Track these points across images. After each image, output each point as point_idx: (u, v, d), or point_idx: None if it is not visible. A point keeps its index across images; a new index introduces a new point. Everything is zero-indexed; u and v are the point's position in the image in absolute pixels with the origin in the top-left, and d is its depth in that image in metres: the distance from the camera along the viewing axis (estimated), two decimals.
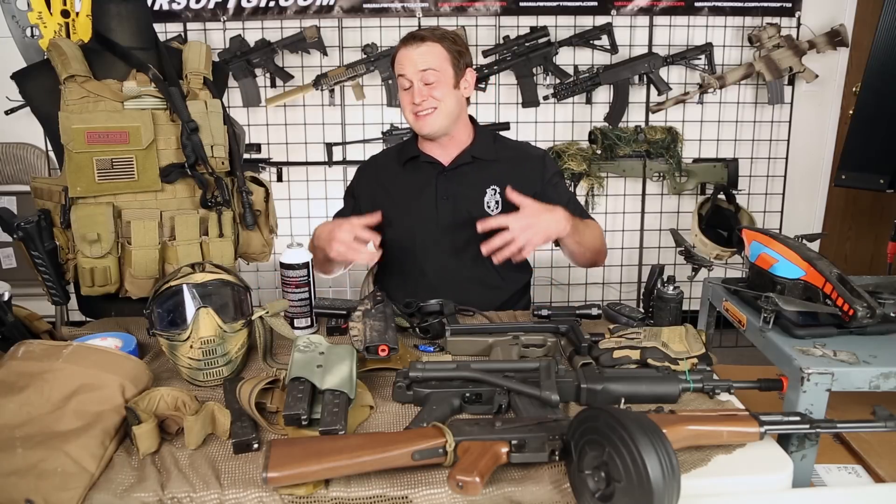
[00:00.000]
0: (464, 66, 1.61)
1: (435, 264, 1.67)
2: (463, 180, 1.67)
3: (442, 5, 2.85)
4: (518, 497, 0.90)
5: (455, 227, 1.65)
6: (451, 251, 1.66)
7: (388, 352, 1.14)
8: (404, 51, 1.57)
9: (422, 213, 1.67)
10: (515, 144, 1.80)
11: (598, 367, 1.15)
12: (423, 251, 1.67)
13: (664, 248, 3.09)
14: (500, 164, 1.68)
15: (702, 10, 2.88)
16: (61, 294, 1.45)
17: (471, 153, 1.67)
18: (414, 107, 1.58)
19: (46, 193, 1.42)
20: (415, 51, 1.55)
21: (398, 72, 1.59)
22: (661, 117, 2.97)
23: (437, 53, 1.56)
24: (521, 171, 1.68)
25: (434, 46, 1.56)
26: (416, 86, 1.56)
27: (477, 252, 1.57)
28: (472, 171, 1.67)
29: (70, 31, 2.68)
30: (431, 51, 1.56)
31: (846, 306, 1.18)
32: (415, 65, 1.55)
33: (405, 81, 1.58)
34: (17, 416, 0.93)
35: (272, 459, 0.86)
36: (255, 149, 2.94)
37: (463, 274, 1.65)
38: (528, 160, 1.72)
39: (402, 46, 1.58)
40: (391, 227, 1.69)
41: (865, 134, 2.06)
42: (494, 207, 1.66)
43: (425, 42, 1.56)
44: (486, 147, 1.70)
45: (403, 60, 1.57)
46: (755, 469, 0.95)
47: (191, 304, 1.16)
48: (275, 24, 2.84)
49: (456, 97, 1.60)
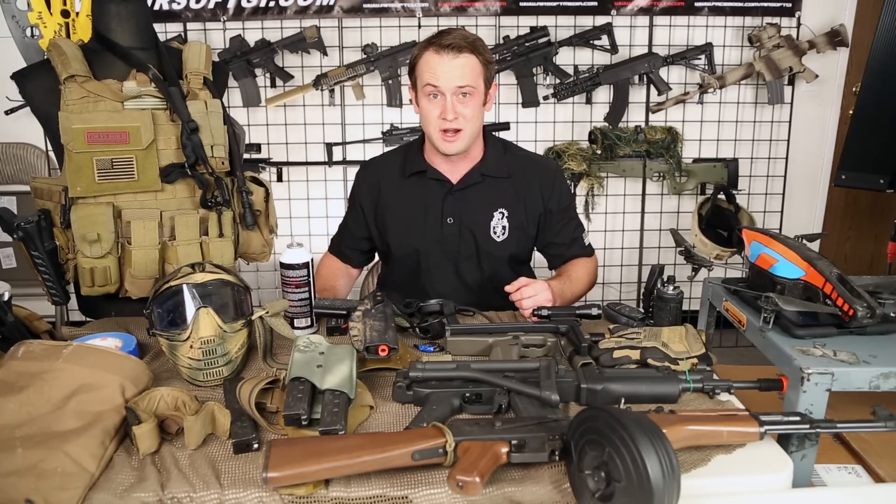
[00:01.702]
0: (491, 80, 1.54)
1: (437, 286, 1.63)
2: (471, 201, 1.61)
3: (442, 5, 2.84)
4: (518, 497, 0.90)
5: (459, 250, 1.63)
6: (455, 274, 1.65)
7: (388, 352, 1.14)
8: (437, 59, 1.44)
9: (426, 234, 1.63)
10: (527, 155, 1.71)
11: (598, 367, 1.15)
12: (427, 272, 1.65)
13: (664, 248, 3.09)
14: (511, 180, 1.62)
15: (702, 10, 2.88)
16: (61, 294, 1.44)
17: (481, 171, 1.60)
18: (443, 122, 1.47)
19: (46, 193, 1.42)
20: (452, 62, 1.43)
21: (428, 80, 1.46)
22: (661, 117, 2.97)
23: (473, 67, 1.46)
24: (531, 185, 1.63)
25: (470, 59, 1.45)
26: (449, 100, 1.45)
27: (478, 276, 1.63)
28: (480, 191, 1.61)
29: (70, 31, 2.68)
30: (469, 63, 1.45)
31: (846, 306, 1.18)
32: (452, 78, 1.44)
33: (434, 91, 1.46)
34: (17, 416, 0.94)
35: (272, 459, 0.86)
36: (255, 149, 2.94)
37: (466, 298, 1.58)
38: (540, 173, 1.65)
39: (435, 52, 1.45)
40: (394, 242, 1.66)
41: (865, 134, 2.06)
42: (501, 233, 1.62)
43: (462, 53, 1.44)
44: (497, 162, 1.62)
45: (437, 70, 1.44)
46: (755, 469, 0.95)
47: (191, 304, 1.16)
48: (275, 24, 2.83)
49: (481, 116, 1.53)
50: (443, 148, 1.53)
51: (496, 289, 1.55)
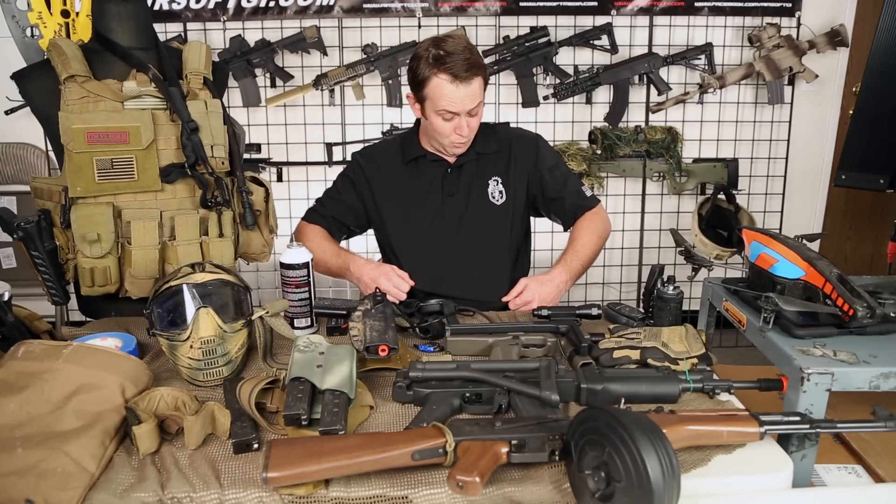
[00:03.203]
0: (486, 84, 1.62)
1: (449, 254, 1.72)
2: (468, 175, 1.73)
3: (442, 5, 2.84)
4: (518, 497, 0.90)
5: (463, 218, 1.72)
6: (464, 239, 1.73)
7: (388, 352, 1.14)
8: (454, 89, 1.53)
9: (431, 211, 1.73)
10: (508, 130, 1.84)
11: (598, 367, 1.15)
12: (434, 244, 1.72)
13: (664, 248, 3.09)
14: (500, 153, 1.75)
15: (702, 10, 2.88)
16: (61, 294, 1.44)
17: (475, 150, 1.72)
18: (458, 137, 1.61)
19: (46, 193, 1.42)
20: (467, 89, 1.53)
21: (444, 107, 1.55)
22: (661, 117, 2.97)
23: (481, 84, 1.57)
24: (518, 153, 1.75)
25: (477, 80, 1.55)
26: (463, 121, 1.58)
27: (486, 237, 1.73)
28: (475, 165, 1.74)
29: (70, 31, 2.68)
30: (478, 83, 1.56)
31: (846, 306, 1.18)
32: (466, 105, 1.55)
33: (449, 115, 1.57)
34: (17, 416, 0.94)
35: (272, 459, 0.86)
36: (255, 149, 2.94)
37: (476, 260, 1.71)
38: (520, 140, 1.77)
39: (449, 82, 1.52)
40: (398, 226, 1.74)
41: (865, 134, 2.06)
42: (499, 197, 1.74)
43: (475, 78, 1.54)
44: (487, 141, 1.75)
45: (454, 99, 1.54)
46: (755, 469, 0.95)
47: (191, 304, 1.16)
48: (275, 24, 2.83)
49: None
50: (454, 153, 1.69)
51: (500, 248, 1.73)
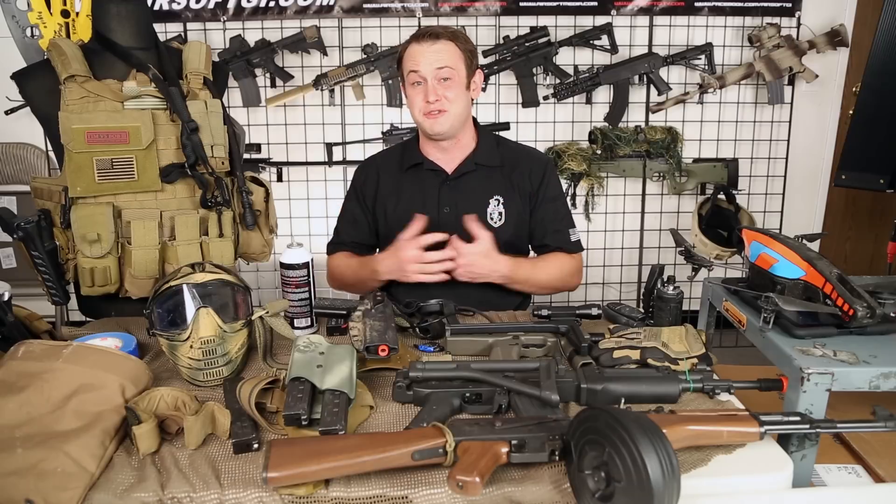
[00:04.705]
0: (474, 68, 1.60)
1: None
2: (466, 189, 1.65)
3: (442, 5, 2.84)
4: (518, 497, 0.90)
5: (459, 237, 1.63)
6: None
7: (388, 352, 1.14)
8: (417, 47, 1.53)
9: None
10: (518, 147, 1.78)
11: (598, 367, 1.15)
12: None
13: (664, 248, 3.09)
14: (503, 169, 1.67)
15: (702, 10, 2.88)
16: (61, 294, 1.44)
17: (474, 160, 1.65)
18: (427, 105, 1.54)
19: (46, 193, 1.42)
20: (430, 48, 1.52)
21: (410, 68, 1.55)
22: (661, 117, 2.96)
23: (452, 52, 1.53)
24: (523, 173, 1.67)
25: (449, 45, 1.53)
26: (430, 83, 1.53)
27: None
28: (475, 180, 1.66)
29: (70, 31, 2.68)
30: (447, 48, 1.53)
31: (846, 306, 1.18)
32: (431, 62, 1.52)
33: (417, 78, 1.54)
34: (17, 416, 0.93)
35: (272, 459, 0.86)
36: (255, 149, 2.94)
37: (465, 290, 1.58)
38: (531, 160, 1.70)
39: (415, 42, 1.54)
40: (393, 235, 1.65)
41: (865, 134, 2.06)
42: (498, 219, 1.66)
43: (440, 40, 1.53)
44: (490, 152, 1.67)
45: (417, 57, 1.53)
46: (755, 469, 0.95)
47: (191, 304, 1.16)
48: (275, 24, 2.83)
49: (466, 99, 1.59)
50: (428, 127, 1.58)
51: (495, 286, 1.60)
